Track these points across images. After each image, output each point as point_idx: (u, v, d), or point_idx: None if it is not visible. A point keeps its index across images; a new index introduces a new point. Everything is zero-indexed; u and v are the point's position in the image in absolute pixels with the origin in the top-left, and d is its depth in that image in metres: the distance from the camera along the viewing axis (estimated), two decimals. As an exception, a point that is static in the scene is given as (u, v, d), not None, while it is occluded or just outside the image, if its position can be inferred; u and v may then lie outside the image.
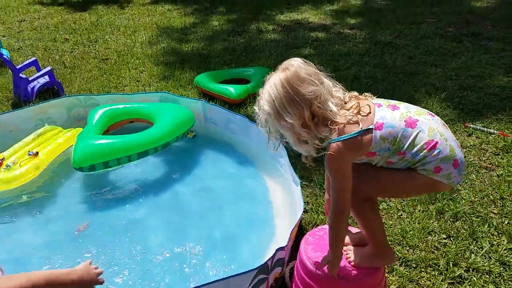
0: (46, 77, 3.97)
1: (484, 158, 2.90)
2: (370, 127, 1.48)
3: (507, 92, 3.73)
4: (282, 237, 2.07)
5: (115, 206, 2.58)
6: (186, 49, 5.36)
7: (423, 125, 1.49)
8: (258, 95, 1.56)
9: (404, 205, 2.49)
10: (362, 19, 6.22)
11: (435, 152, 1.46)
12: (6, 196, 2.58)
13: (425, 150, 1.46)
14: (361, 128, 1.48)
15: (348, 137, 1.47)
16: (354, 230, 1.84)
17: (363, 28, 5.85)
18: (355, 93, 1.60)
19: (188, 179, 2.84)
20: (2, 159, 2.68)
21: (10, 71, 4.08)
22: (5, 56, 3.89)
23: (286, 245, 1.83)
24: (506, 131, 3.15)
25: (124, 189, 2.74)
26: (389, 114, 1.51)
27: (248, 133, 3.02)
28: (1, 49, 4.59)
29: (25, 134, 2.97)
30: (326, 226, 1.98)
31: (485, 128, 3.16)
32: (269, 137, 1.61)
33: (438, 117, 1.59)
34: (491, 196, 2.54)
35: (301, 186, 2.35)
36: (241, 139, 3.11)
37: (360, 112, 1.51)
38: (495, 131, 3.13)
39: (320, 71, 1.54)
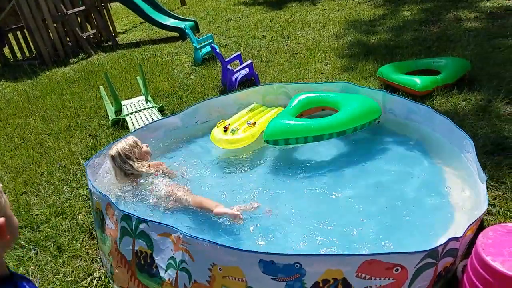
0: (247, 69, 4.60)
1: None
2: None
3: None
4: (459, 230, 1.98)
5: (300, 178, 2.86)
6: (373, 40, 5.38)
7: None
8: None
9: None
10: None
11: None
12: (229, 154, 3.21)
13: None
14: None
15: None
16: None
17: None
18: None
19: (364, 164, 2.92)
20: (228, 125, 3.29)
21: (219, 64, 4.90)
22: (217, 50, 4.69)
23: (461, 237, 1.77)
24: None
25: (307, 165, 3.02)
26: None
27: (432, 124, 2.91)
28: (214, 44, 5.52)
29: (228, 116, 3.52)
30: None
31: None
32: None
33: None
34: None
35: (489, 187, 2.17)
36: (422, 130, 3.01)
37: None
38: None
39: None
